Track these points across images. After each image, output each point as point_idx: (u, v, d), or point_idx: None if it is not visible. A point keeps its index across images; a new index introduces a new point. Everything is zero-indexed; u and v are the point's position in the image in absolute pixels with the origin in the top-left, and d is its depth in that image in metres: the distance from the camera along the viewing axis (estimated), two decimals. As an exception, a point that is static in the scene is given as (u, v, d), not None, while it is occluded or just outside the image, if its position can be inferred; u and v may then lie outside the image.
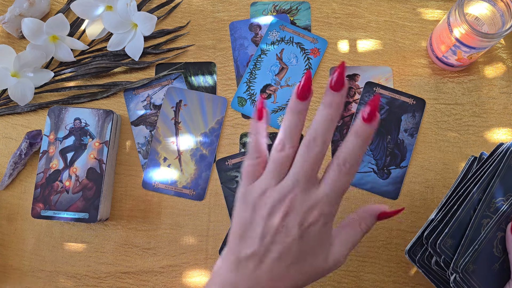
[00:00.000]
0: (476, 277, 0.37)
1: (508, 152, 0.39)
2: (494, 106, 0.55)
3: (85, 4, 0.55)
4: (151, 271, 0.52)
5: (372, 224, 0.35)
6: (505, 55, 0.56)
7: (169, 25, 0.59)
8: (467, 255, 0.37)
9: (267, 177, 0.33)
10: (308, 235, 0.32)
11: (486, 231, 0.37)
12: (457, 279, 0.37)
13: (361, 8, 0.59)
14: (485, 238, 0.37)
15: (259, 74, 0.57)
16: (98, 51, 0.58)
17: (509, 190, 0.38)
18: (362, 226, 0.35)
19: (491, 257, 0.37)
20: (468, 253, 0.37)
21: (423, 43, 0.57)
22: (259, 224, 0.32)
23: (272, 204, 0.32)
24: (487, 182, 0.38)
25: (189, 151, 0.55)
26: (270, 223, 0.32)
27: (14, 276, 0.52)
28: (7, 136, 0.56)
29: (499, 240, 0.37)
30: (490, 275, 0.37)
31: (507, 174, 0.38)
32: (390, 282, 0.51)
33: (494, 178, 0.38)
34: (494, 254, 0.37)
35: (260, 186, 0.33)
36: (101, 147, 0.51)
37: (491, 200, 0.38)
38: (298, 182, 0.32)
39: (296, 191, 0.32)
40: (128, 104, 0.57)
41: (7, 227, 0.53)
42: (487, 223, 0.37)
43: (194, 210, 0.54)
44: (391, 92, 0.55)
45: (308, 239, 0.32)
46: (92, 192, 0.50)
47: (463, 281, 0.37)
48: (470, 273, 0.37)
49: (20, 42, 0.59)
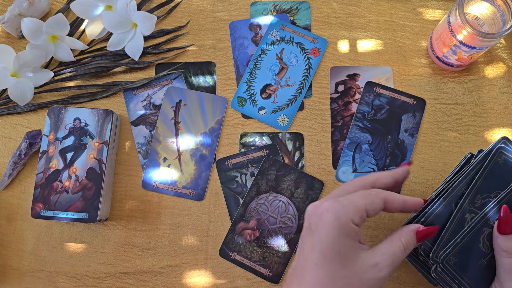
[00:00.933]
0: (459, 269, 0.37)
1: (495, 149, 0.40)
2: (494, 106, 0.55)
3: (84, 4, 0.55)
4: (151, 271, 0.52)
5: (413, 241, 0.36)
6: (505, 55, 0.56)
7: (169, 25, 0.59)
8: (448, 247, 0.37)
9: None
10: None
11: (470, 226, 0.37)
12: (438, 269, 0.37)
13: (361, 8, 0.59)
14: (469, 233, 0.37)
15: (259, 74, 0.57)
16: (98, 51, 0.58)
17: (497, 187, 0.39)
18: (403, 240, 0.35)
19: (477, 252, 0.38)
20: (449, 245, 0.37)
21: (423, 43, 0.57)
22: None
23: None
24: (471, 178, 0.39)
25: (189, 151, 0.55)
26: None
27: (14, 276, 0.52)
28: (6, 136, 0.56)
29: (486, 236, 0.38)
30: (476, 270, 0.38)
31: (494, 171, 0.39)
32: (390, 282, 0.51)
33: (479, 174, 0.39)
34: (481, 250, 0.38)
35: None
36: (101, 147, 0.51)
37: (476, 195, 0.38)
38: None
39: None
40: (128, 104, 0.56)
41: (6, 227, 0.53)
42: (472, 218, 0.38)
43: (194, 210, 0.53)
44: (391, 92, 0.55)
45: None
46: (92, 192, 0.50)
47: (444, 272, 0.37)
48: (452, 265, 0.37)
49: (19, 42, 0.59)
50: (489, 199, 0.38)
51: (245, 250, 0.51)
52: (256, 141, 0.55)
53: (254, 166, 0.54)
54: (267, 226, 0.52)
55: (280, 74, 0.57)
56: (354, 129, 0.54)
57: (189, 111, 0.56)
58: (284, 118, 0.55)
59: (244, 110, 0.56)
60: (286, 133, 0.55)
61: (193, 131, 0.55)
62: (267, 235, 0.52)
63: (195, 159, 0.54)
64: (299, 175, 0.53)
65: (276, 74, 0.57)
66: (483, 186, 0.38)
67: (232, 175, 0.54)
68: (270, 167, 0.53)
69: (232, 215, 0.53)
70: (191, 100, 0.56)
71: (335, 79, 0.56)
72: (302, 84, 0.56)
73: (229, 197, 0.53)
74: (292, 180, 0.53)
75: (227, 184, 0.54)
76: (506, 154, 0.40)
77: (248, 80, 0.57)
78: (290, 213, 0.52)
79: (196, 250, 0.52)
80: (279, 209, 0.52)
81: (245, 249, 0.51)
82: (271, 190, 0.53)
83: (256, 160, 0.54)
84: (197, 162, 0.54)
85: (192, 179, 0.54)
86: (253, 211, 0.52)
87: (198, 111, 0.56)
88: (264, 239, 0.51)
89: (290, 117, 0.55)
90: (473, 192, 0.38)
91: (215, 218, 0.53)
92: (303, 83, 0.56)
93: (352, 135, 0.54)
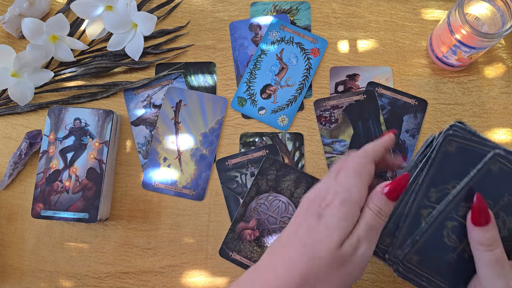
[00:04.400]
0: (425, 267, 0.35)
1: (441, 139, 0.35)
2: (494, 106, 0.55)
3: (85, 4, 0.55)
4: (151, 271, 0.52)
5: (385, 203, 0.33)
6: (505, 55, 0.56)
7: (169, 25, 0.59)
8: (406, 246, 0.35)
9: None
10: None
11: (429, 222, 0.35)
12: (400, 269, 0.36)
13: (361, 8, 0.59)
14: (429, 229, 0.35)
15: (259, 74, 0.57)
16: (98, 51, 0.58)
17: (454, 177, 0.35)
18: (371, 206, 0.33)
19: (444, 247, 0.35)
20: (407, 244, 0.35)
21: (423, 43, 0.57)
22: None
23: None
24: (416, 174, 0.36)
25: (189, 151, 0.55)
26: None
27: (14, 276, 0.52)
28: (7, 136, 0.56)
29: (451, 230, 0.35)
30: (447, 265, 0.35)
31: (446, 162, 0.35)
32: (390, 282, 0.51)
33: (427, 168, 0.35)
34: (447, 244, 0.35)
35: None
36: (101, 147, 0.51)
37: (429, 189, 0.35)
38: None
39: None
40: (128, 104, 0.57)
41: (7, 227, 0.53)
42: (429, 213, 0.35)
43: (194, 210, 0.54)
44: (393, 93, 0.55)
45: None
46: (92, 192, 0.50)
47: (407, 272, 0.35)
48: (415, 263, 0.35)
49: (20, 42, 0.59)
50: (447, 191, 0.35)
51: (245, 250, 0.51)
52: (256, 141, 0.55)
53: (254, 166, 0.54)
54: (267, 226, 0.52)
55: (280, 74, 0.57)
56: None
57: (189, 111, 0.56)
58: (284, 118, 0.55)
59: (244, 110, 0.56)
60: (286, 133, 0.55)
61: (193, 131, 0.55)
62: (267, 235, 0.52)
63: (195, 159, 0.54)
64: (299, 175, 0.53)
65: (276, 74, 0.57)
66: (436, 179, 0.35)
67: (232, 175, 0.54)
68: (270, 167, 0.53)
69: (232, 215, 0.53)
70: (191, 100, 0.56)
71: (335, 79, 0.56)
72: (302, 84, 0.56)
73: (229, 197, 0.54)
74: (292, 180, 0.53)
75: (227, 184, 0.54)
76: (458, 140, 0.35)
77: (248, 80, 0.57)
78: (290, 213, 0.52)
79: (196, 250, 0.52)
80: (279, 209, 0.52)
81: (245, 249, 0.51)
82: (271, 190, 0.53)
83: (256, 160, 0.54)
84: (197, 162, 0.54)
85: (192, 179, 0.54)
86: (253, 211, 0.52)
87: (198, 111, 0.56)
88: (264, 239, 0.51)
89: (290, 117, 0.55)
90: (425, 185, 0.35)
91: (215, 218, 0.53)
92: (303, 83, 0.56)
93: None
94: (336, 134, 0.54)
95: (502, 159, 0.33)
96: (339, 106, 0.55)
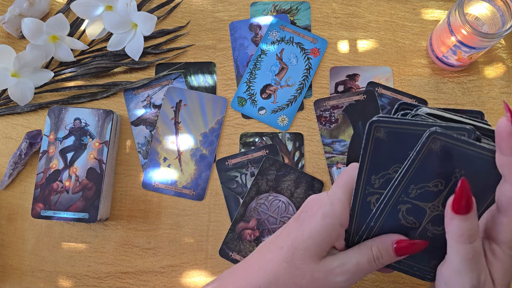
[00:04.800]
0: None
1: (367, 127, 0.34)
2: (494, 106, 0.55)
3: (85, 4, 0.55)
4: (151, 271, 0.52)
5: (388, 253, 0.33)
6: (505, 55, 0.56)
7: (169, 25, 0.59)
8: (362, 233, 0.35)
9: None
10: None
11: (380, 207, 0.34)
12: None
13: (361, 8, 0.59)
14: (382, 214, 0.35)
15: (259, 74, 0.57)
16: (98, 51, 0.58)
17: (393, 162, 0.34)
18: (374, 249, 0.34)
19: (404, 229, 0.35)
20: (363, 230, 0.35)
21: (423, 43, 0.57)
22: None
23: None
24: (360, 165, 0.35)
25: (189, 151, 0.55)
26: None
27: (14, 276, 0.52)
28: (7, 136, 0.56)
29: (406, 212, 0.34)
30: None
31: (379, 149, 0.34)
32: (390, 282, 0.51)
33: (361, 155, 0.34)
34: (406, 226, 0.35)
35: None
36: (101, 147, 0.51)
37: (370, 176, 0.34)
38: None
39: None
40: (128, 104, 0.57)
41: (7, 227, 0.53)
42: (377, 199, 0.35)
43: (194, 210, 0.54)
44: (393, 93, 0.55)
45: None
46: (92, 192, 0.50)
47: None
48: None
49: (20, 42, 0.59)
50: (389, 175, 0.34)
51: (245, 250, 0.51)
52: (256, 141, 0.55)
53: (254, 166, 0.54)
54: (267, 226, 0.52)
55: (280, 74, 0.57)
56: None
57: (189, 111, 0.56)
58: (284, 118, 0.55)
59: (244, 110, 0.56)
60: (286, 133, 0.55)
61: (193, 131, 0.55)
62: (267, 235, 0.52)
63: (195, 159, 0.54)
64: (299, 175, 0.53)
65: (276, 74, 0.57)
66: (375, 166, 0.34)
67: (232, 175, 0.54)
68: (270, 167, 0.53)
69: (232, 215, 0.53)
70: (191, 100, 0.56)
71: (335, 79, 0.56)
72: (302, 84, 0.56)
73: (229, 197, 0.54)
74: (292, 180, 0.53)
75: (227, 184, 0.54)
76: (385, 125, 0.34)
77: (248, 80, 0.57)
78: (290, 213, 0.52)
79: (196, 250, 0.52)
80: (279, 209, 0.52)
81: (245, 249, 0.51)
82: (271, 190, 0.53)
83: (256, 160, 0.54)
84: (197, 162, 0.54)
85: (192, 179, 0.54)
86: (253, 211, 0.52)
87: (198, 111, 0.56)
88: (264, 239, 0.51)
89: (290, 117, 0.55)
90: (365, 174, 0.34)
91: (215, 218, 0.53)
92: (303, 83, 0.56)
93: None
94: (336, 134, 0.54)
95: (440, 136, 0.31)
96: (339, 106, 0.55)
